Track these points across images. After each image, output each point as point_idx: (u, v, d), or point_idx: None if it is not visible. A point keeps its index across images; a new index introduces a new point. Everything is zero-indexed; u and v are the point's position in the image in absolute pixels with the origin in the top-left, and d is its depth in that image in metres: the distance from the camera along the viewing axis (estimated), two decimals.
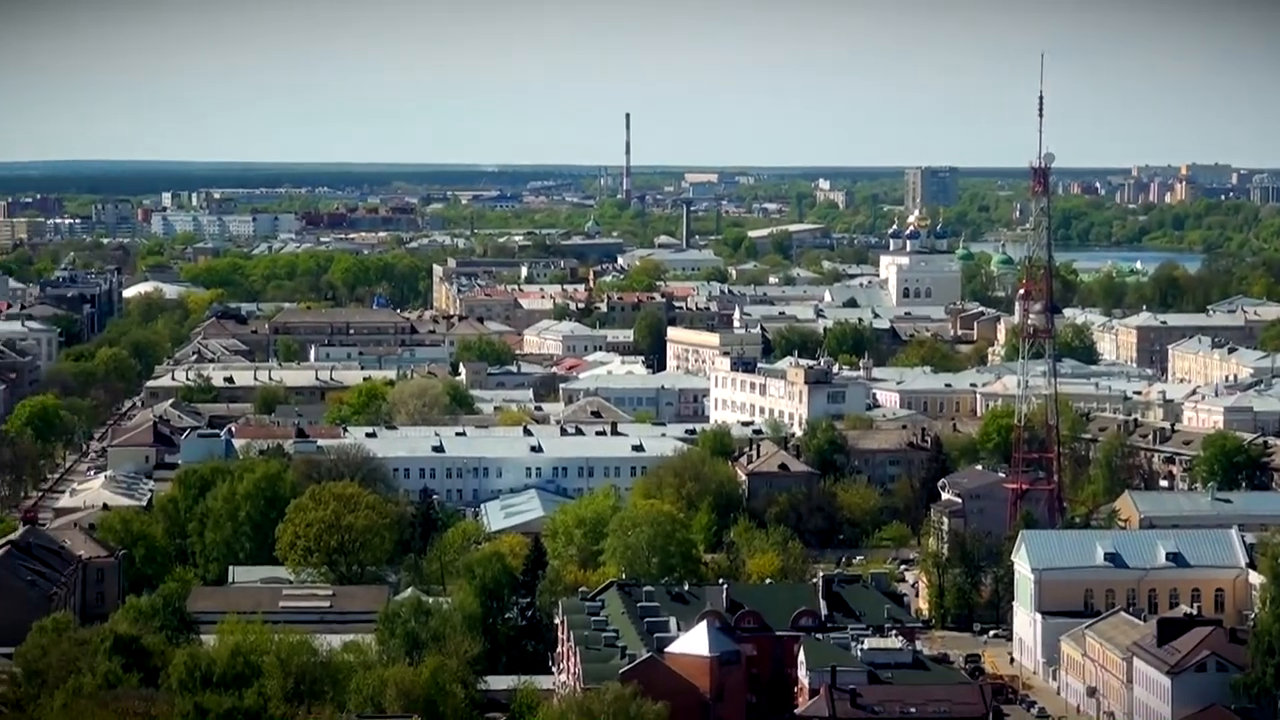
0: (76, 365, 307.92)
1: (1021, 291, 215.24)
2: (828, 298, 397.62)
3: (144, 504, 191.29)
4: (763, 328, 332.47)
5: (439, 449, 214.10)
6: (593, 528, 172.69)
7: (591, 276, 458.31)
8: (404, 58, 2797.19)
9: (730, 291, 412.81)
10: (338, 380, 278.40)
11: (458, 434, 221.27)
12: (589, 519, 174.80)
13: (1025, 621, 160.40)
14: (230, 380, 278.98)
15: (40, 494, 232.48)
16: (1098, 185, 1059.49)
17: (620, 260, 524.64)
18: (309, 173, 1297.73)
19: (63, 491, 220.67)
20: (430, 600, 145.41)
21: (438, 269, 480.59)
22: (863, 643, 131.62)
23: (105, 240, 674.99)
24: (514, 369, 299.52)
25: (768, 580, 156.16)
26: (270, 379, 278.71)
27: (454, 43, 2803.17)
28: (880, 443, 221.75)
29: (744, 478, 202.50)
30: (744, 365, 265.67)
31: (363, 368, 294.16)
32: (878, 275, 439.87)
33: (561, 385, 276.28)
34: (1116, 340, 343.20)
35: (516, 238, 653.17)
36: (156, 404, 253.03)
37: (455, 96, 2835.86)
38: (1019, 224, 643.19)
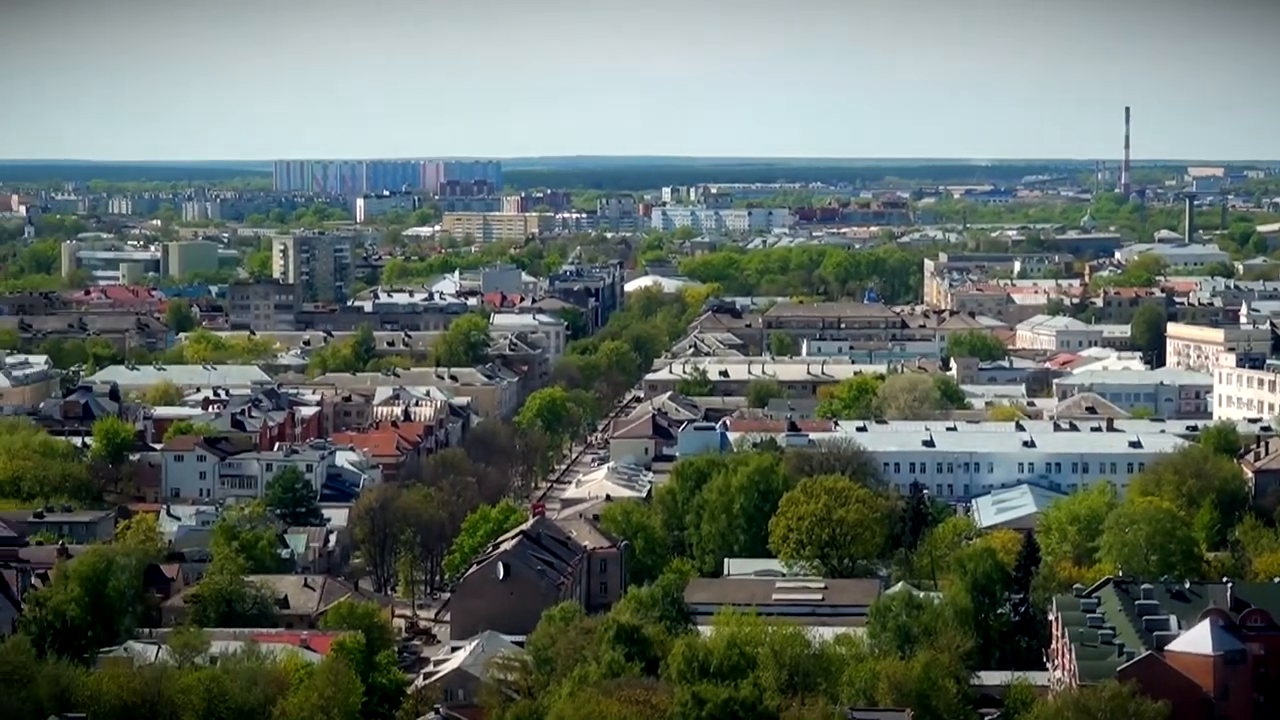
0: (582, 358, 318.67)
1: None
2: None
3: (643, 495, 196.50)
4: (1272, 324, 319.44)
5: (929, 443, 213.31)
6: (1087, 524, 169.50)
7: (1087, 271, 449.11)
8: (899, 55, 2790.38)
9: (1236, 287, 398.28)
10: (829, 374, 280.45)
11: (948, 429, 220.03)
12: (1084, 515, 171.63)
13: None
14: (725, 373, 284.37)
15: (548, 485, 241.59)
16: None
17: (1117, 255, 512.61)
18: (802, 168, 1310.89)
19: (569, 482, 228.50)
20: (921, 594, 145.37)
21: (929, 263, 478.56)
22: None
23: (609, 234, 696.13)
24: (1006, 364, 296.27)
25: (1276, 579, 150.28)
26: (763, 372, 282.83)
27: (945, 41, 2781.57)
28: None
29: (1250, 475, 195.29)
30: (1251, 361, 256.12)
31: (853, 362, 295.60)
32: None
33: (1055, 380, 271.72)
34: None
35: (1009, 232, 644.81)
36: (655, 397, 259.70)
37: (948, 91, 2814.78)
38: None
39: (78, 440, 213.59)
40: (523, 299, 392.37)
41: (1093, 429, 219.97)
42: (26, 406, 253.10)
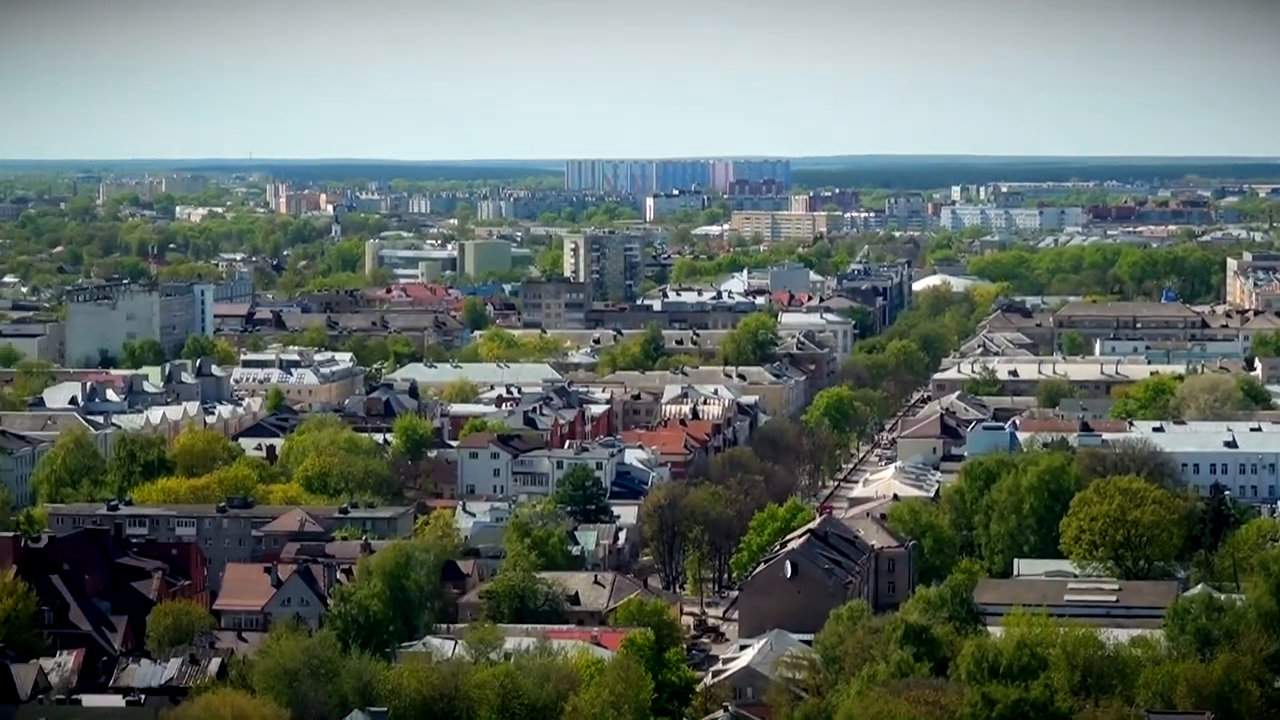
0: (869, 357, 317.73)
1: None
2: None
3: (931, 495, 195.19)
4: None
5: (1231, 444, 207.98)
6: None
7: None
8: (1201, 51, 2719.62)
9: None
10: (1123, 374, 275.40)
11: (1252, 429, 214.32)
12: None
13: None
14: (1014, 373, 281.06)
15: (836, 484, 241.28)
16: None
17: None
18: (1097, 166, 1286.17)
19: (856, 481, 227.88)
20: (1222, 597, 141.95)
21: (1232, 263, 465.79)
22: None
23: (897, 233, 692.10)
24: None
25: None
26: (1054, 372, 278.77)
27: (1249, 38, 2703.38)
28: None
29: None
30: None
31: (1149, 362, 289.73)
32: None
33: None
34: None
35: None
36: (943, 396, 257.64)
37: (1255, 88, 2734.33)
38: None
39: (379, 437, 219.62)
40: (810, 298, 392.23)
41: None
42: (333, 403, 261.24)
